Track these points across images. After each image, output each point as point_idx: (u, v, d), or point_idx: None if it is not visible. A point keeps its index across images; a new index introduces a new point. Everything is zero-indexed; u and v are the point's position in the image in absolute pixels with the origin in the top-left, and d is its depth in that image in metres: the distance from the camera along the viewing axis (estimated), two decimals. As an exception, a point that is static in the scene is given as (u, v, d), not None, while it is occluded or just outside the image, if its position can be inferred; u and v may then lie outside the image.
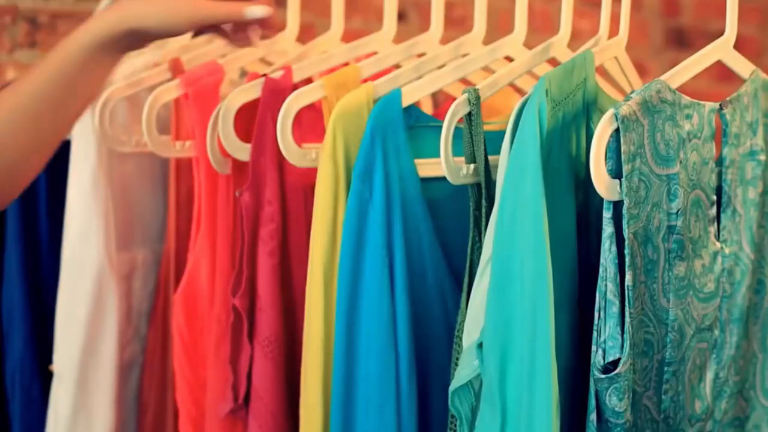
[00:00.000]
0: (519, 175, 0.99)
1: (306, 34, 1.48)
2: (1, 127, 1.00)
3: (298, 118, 1.18)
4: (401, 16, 2.18)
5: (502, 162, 1.03)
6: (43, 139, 1.02)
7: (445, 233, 1.14)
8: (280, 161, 1.20)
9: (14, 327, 1.44)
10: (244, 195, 1.20)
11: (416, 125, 1.14)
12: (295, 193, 1.21)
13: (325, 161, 1.11)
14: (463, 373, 1.02)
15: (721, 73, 1.33)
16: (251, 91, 1.20)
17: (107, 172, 1.36)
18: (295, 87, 1.22)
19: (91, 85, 1.04)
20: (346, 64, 1.42)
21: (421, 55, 1.28)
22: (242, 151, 1.20)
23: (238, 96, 1.20)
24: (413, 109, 1.14)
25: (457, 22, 2.26)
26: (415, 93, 1.14)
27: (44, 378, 1.42)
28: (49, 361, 1.39)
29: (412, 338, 1.10)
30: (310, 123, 1.23)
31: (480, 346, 1.00)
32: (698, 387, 1.11)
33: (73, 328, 1.36)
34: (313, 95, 1.17)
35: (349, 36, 1.39)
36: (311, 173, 1.15)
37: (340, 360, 1.09)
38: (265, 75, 1.23)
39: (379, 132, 1.09)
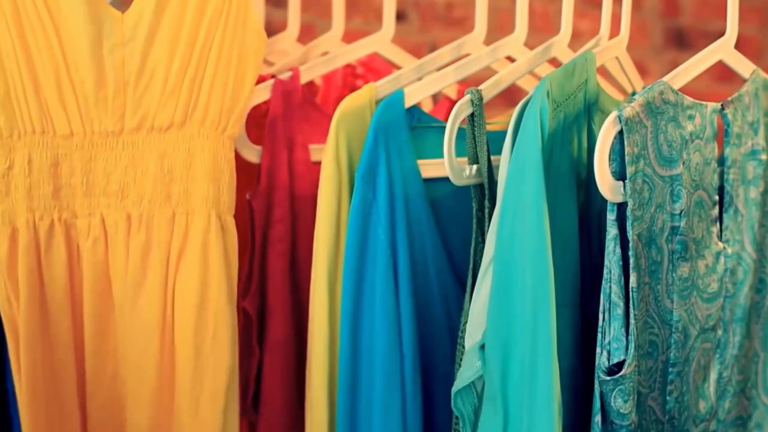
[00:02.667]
0: (520, 177, 0.99)
1: (306, 34, 1.48)
2: None
3: (306, 118, 1.18)
4: (401, 16, 2.19)
5: (503, 164, 1.03)
6: None
7: (447, 234, 1.14)
8: (291, 164, 1.20)
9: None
10: (255, 197, 1.19)
11: (418, 126, 1.14)
12: (305, 195, 1.21)
13: (327, 162, 1.11)
14: (465, 374, 1.02)
15: (720, 73, 1.33)
16: (262, 93, 1.21)
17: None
18: (303, 89, 1.23)
19: None
20: (349, 65, 1.42)
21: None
22: (253, 153, 1.20)
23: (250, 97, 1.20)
24: (415, 110, 1.14)
25: (457, 23, 2.26)
26: (418, 93, 1.14)
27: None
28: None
29: (417, 339, 1.10)
30: (317, 123, 1.23)
31: (482, 347, 1.01)
32: (702, 387, 1.11)
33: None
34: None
35: (349, 36, 1.39)
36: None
37: (345, 361, 1.09)
38: (273, 76, 1.23)
39: (382, 133, 1.09)
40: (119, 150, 1.11)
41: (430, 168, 1.13)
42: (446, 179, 1.09)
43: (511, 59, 1.27)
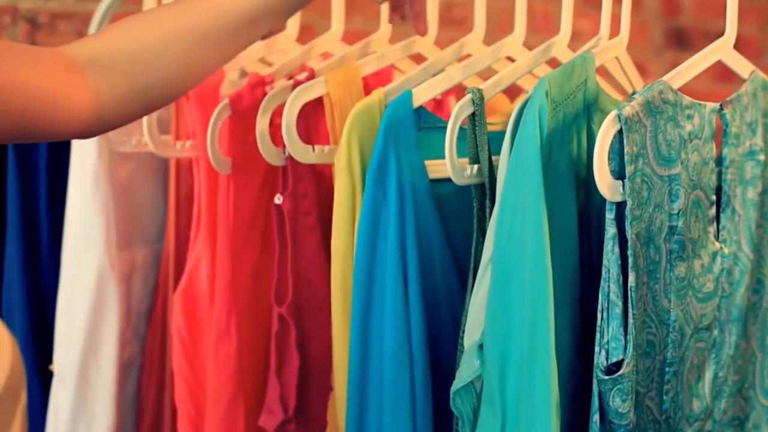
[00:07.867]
0: (519, 177, 0.99)
1: (306, 34, 1.48)
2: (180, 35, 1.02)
3: (318, 118, 1.17)
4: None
5: (502, 164, 1.03)
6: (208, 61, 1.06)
7: (451, 235, 1.13)
8: (313, 165, 1.20)
9: (14, 326, 1.44)
10: (286, 201, 1.18)
11: (424, 126, 1.13)
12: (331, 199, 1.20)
13: (341, 173, 1.10)
14: (464, 373, 1.02)
15: (720, 73, 1.33)
16: (282, 94, 1.19)
17: (108, 171, 1.36)
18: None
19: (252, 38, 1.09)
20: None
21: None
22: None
23: (274, 99, 1.19)
24: (422, 111, 1.13)
25: (457, 22, 2.26)
26: (426, 93, 1.13)
27: (43, 377, 1.42)
28: (49, 360, 1.39)
29: (426, 340, 1.09)
30: (323, 124, 1.22)
31: (481, 347, 1.01)
32: (696, 387, 1.11)
33: (74, 327, 1.36)
34: (316, 91, 1.17)
35: (349, 36, 1.39)
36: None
37: (355, 362, 1.09)
38: (292, 77, 1.22)
39: (392, 133, 1.08)
40: None
41: (433, 169, 1.12)
42: (448, 179, 1.09)
43: (511, 59, 1.27)
